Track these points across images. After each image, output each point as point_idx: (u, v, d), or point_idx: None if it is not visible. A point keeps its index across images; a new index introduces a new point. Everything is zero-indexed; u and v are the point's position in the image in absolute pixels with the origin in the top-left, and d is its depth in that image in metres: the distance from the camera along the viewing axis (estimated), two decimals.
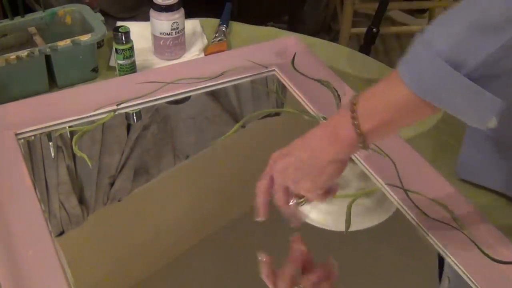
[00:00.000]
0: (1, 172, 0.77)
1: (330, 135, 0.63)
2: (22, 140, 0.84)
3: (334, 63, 1.00)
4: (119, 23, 1.07)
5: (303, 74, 0.96)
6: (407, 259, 0.77)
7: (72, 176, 0.85)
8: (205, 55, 1.11)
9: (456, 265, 0.69)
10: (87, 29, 1.04)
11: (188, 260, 0.76)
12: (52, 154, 0.86)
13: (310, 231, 0.79)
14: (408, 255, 0.77)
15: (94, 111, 0.88)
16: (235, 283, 0.73)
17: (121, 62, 1.01)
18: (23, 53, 0.96)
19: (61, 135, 0.87)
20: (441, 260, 0.71)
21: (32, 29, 1.05)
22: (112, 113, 0.89)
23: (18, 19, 1.05)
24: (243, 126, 0.92)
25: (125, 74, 1.02)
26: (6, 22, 1.04)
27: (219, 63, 0.98)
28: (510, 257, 0.69)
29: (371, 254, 0.76)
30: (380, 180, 0.79)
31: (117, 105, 0.89)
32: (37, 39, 1.04)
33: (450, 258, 0.70)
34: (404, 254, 0.77)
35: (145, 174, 0.88)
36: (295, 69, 0.97)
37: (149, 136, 0.93)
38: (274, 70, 0.98)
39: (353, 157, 0.83)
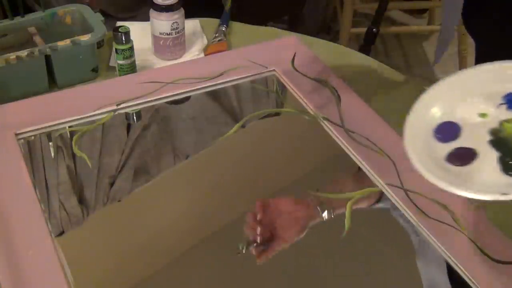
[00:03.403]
0: (1, 172, 0.77)
1: None
2: (22, 140, 0.84)
3: (334, 63, 1.00)
4: (119, 23, 1.07)
5: (303, 74, 0.96)
6: (407, 259, 0.77)
7: (72, 176, 0.85)
8: (205, 55, 1.11)
9: (456, 265, 0.69)
10: (87, 29, 1.04)
11: (188, 260, 0.76)
12: (52, 154, 0.86)
13: (308, 230, 0.79)
14: (408, 254, 0.77)
15: (94, 111, 0.88)
16: (235, 283, 0.73)
17: (121, 62, 1.01)
18: (23, 53, 0.96)
19: (61, 135, 0.87)
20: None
21: (32, 29, 1.05)
22: (112, 113, 0.89)
23: (18, 19, 1.05)
24: (243, 126, 0.92)
25: (125, 74, 1.02)
26: (6, 22, 1.04)
27: (219, 63, 0.98)
28: (510, 257, 0.69)
29: (371, 254, 0.77)
30: (380, 180, 0.79)
31: (117, 105, 0.89)
32: (37, 39, 1.03)
33: (450, 258, 0.70)
34: (404, 254, 0.77)
35: (145, 174, 0.88)
36: (295, 69, 0.97)
37: (149, 136, 0.93)
38: (274, 70, 0.98)
39: (353, 157, 0.83)
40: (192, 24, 1.18)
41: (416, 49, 2.52)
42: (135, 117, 0.94)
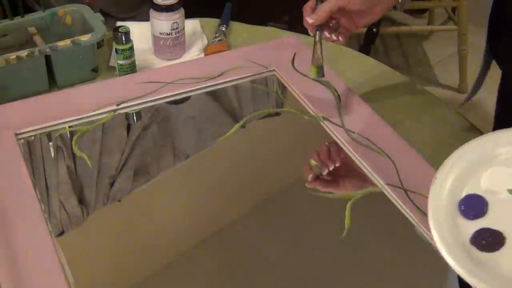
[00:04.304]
0: (1, 172, 0.77)
1: None
2: (22, 140, 0.84)
3: (334, 63, 1.00)
4: (119, 23, 1.07)
5: (303, 74, 0.96)
6: (407, 259, 0.77)
7: (72, 176, 0.85)
8: (205, 55, 1.11)
9: None
10: (87, 29, 1.04)
11: (188, 260, 0.76)
12: (52, 154, 0.86)
13: (309, 230, 0.79)
14: (408, 254, 0.77)
15: (94, 111, 0.88)
16: (235, 283, 0.73)
17: (121, 62, 1.01)
18: (23, 53, 0.96)
19: (61, 135, 0.87)
20: None
21: (32, 29, 1.05)
22: (112, 113, 0.89)
23: (18, 19, 1.05)
24: (243, 126, 0.92)
25: (125, 74, 1.02)
26: (6, 22, 1.04)
27: (219, 63, 0.98)
28: None
29: (371, 254, 0.77)
30: (380, 180, 0.79)
31: (117, 105, 0.89)
32: (37, 39, 1.04)
33: None
34: (404, 254, 0.77)
35: (145, 174, 0.88)
36: (295, 69, 0.97)
37: (149, 136, 0.93)
38: (274, 70, 0.98)
39: (353, 157, 0.83)
40: (192, 24, 1.18)
41: (416, 49, 2.52)
42: (135, 117, 0.94)
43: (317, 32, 0.83)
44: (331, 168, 0.84)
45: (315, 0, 0.83)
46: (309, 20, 0.82)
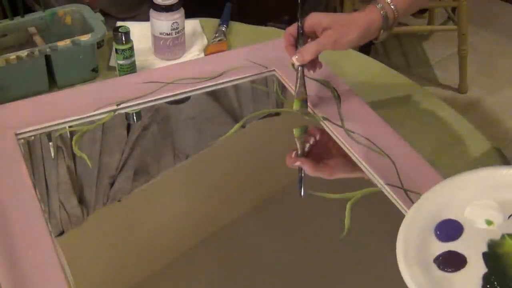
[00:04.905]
0: (1, 172, 0.77)
1: None
2: (22, 140, 0.84)
3: (334, 63, 1.00)
4: (119, 23, 1.07)
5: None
6: None
7: (72, 176, 0.85)
8: (205, 55, 1.11)
9: None
10: (87, 29, 1.04)
11: (188, 260, 0.76)
12: (52, 154, 0.87)
13: (309, 230, 0.79)
14: None
15: (94, 111, 0.88)
16: (235, 283, 0.73)
17: (121, 62, 1.01)
18: (23, 53, 0.96)
19: (61, 135, 0.87)
20: None
21: (32, 29, 1.05)
22: (112, 113, 0.89)
23: (18, 19, 1.05)
24: (243, 126, 0.92)
25: (125, 74, 1.02)
26: (6, 22, 1.04)
27: (219, 63, 0.98)
28: None
29: (371, 254, 0.76)
30: (380, 180, 0.79)
31: (117, 105, 0.89)
32: (37, 39, 1.04)
33: None
34: None
35: (145, 174, 0.88)
36: (295, 69, 0.97)
37: (149, 136, 0.93)
38: (274, 70, 0.98)
39: (353, 157, 0.83)
40: (192, 24, 1.18)
41: (416, 49, 2.52)
42: (135, 117, 0.94)
43: (300, 68, 0.84)
44: (311, 142, 0.85)
45: (297, 29, 0.85)
46: (296, 62, 0.84)
